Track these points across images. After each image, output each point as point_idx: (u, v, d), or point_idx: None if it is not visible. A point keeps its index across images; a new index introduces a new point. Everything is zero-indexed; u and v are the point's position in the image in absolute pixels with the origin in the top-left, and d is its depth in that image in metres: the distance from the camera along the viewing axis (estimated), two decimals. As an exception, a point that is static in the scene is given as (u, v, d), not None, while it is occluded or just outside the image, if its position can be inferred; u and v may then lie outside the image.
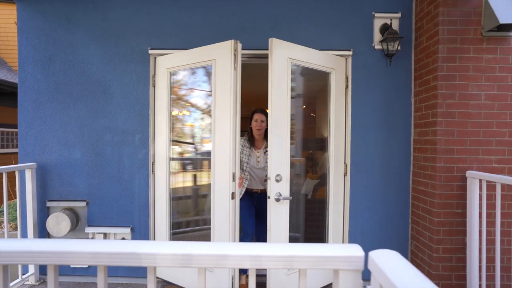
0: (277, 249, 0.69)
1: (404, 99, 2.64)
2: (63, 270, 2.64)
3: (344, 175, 2.66)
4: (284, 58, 2.27)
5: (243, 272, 2.61)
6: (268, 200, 2.21)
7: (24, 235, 2.59)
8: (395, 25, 2.61)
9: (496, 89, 2.26)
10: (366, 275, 1.00)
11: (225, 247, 0.71)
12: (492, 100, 2.26)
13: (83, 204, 2.63)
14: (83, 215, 2.65)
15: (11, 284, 2.44)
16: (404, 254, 2.64)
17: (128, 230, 2.62)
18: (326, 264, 0.66)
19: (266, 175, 2.40)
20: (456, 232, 2.28)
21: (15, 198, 3.54)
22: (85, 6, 2.66)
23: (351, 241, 2.64)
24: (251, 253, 0.68)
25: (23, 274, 2.54)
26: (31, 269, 2.60)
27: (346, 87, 2.65)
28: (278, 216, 2.24)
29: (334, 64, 2.55)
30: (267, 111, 2.28)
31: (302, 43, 2.53)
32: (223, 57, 2.27)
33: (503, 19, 2.08)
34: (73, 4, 2.66)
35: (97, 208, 2.65)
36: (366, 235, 2.65)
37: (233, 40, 2.24)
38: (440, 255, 2.29)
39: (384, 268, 0.57)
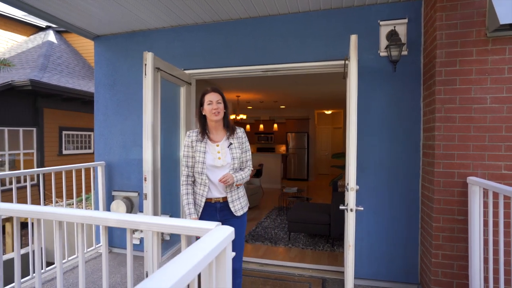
0: (153, 219, 1.08)
1: (413, 103, 2.64)
2: (123, 244, 3.42)
3: (351, 178, 2.80)
4: (355, 63, 2.02)
5: None
6: (346, 213, 1.99)
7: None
8: (402, 31, 2.64)
9: (504, 91, 2.14)
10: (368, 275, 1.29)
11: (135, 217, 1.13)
12: (500, 103, 2.15)
13: (136, 194, 3.37)
14: (135, 203, 3.39)
15: (88, 249, 3.30)
16: (414, 258, 2.64)
17: (167, 216, 3.25)
18: (188, 231, 1.03)
19: None
20: (458, 239, 2.24)
21: (88, 190, 4.55)
22: (137, 39, 3.39)
23: (357, 241, 2.76)
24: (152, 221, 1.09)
25: (96, 244, 3.40)
26: (102, 240, 3.45)
27: (352, 94, 2.78)
28: (353, 228, 1.99)
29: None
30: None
31: (311, 55, 2.79)
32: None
33: (503, 20, 1.99)
34: (130, 39, 3.42)
35: (145, 198, 3.36)
36: (372, 237, 2.74)
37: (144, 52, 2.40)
38: (439, 261, 2.27)
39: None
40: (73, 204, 3.18)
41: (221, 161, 1.95)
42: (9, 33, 9.42)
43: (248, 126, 11.47)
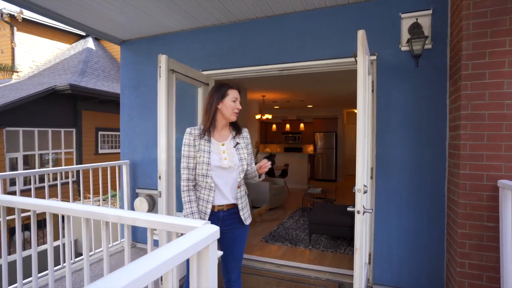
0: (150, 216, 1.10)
1: (438, 100, 2.46)
2: (146, 239, 3.56)
3: (370, 179, 2.67)
4: (366, 55, 1.95)
5: None
6: (356, 215, 1.78)
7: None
8: (426, 23, 2.46)
9: (544, 85, 1.92)
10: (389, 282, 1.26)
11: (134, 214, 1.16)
12: (539, 98, 1.93)
13: (157, 192, 3.48)
14: (157, 200, 3.51)
15: (114, 243, 3.48)
16: (440, 266, 2.46)
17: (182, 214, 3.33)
18: (174, 228, 1.03)
19: (239, 181, 1.79)
20: (487, 248, 2.04)
21: (114, 188, 4.80)
22: (159, 42, 3.51)
23: (376, 246, 2.63)
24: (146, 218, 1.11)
25: (121, 239, 3.57)
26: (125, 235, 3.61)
27: (372, 91, 2.66)
28: (364, 232, 1.94)
29: (370, 67, 2.57)
30: None
31: (328, 53, 2.71)
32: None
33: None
34: (151, 43, 3.55)
35: (166, 196, 3.47)
36: (392, 241, 2.59)
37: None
38: (466, 271, 2.09)
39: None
40: (99, 201, 3.37)
41: (228, 162, 1.73)
42: (55, 42, 10.23)
43: (274, 126, 11.43)
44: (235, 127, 1.86)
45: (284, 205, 6.54)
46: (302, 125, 11.31)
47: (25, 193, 6.02)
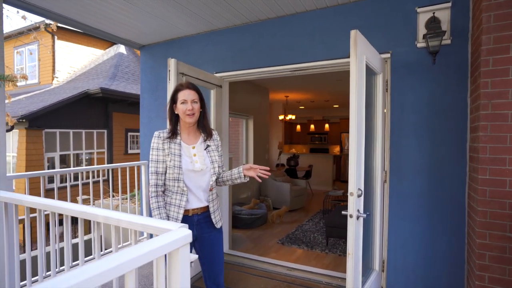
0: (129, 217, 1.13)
1: (458, 100, 2.29)
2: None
3: (384, 183, 2.55)
4: (363, 55, 1.91)
5: None
6: (349, 219, 1.77)
7: (141, 209, 3.78)
8: (445, 17, 2.30)
9: None
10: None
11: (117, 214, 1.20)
12: None
13: (173, 192, 3.58)
14: (173, 200, 3.61)
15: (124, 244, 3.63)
16: (459, 277, 2.29)
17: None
18: (151, 230, 1.05)
19: (212, 184, 1.77)
20: (511, 261, 1.86)
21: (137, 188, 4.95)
22: (175, 46, 3.61)
23: (390, 253, 2.51)
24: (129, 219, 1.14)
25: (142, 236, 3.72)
26: (145, 233, 3.76)
27: (386, 90, 2.53)
28: (357, 236, 1.89)
29: (381, 66, 2.45)
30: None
31: (340, 52, 2.63)
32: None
33: None
34: (168, 47, 3.66)
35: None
36: (407, 248, 2.45)
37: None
38: (486, 285, 1.92)
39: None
40: (126, 199, 3.53)
41: (200, 165, 1.70)
42: (91, 48, 10.91)
43: (298, 127, 11.30)
44: (204, 130, 1.81)
45: (306, 207, 6.44)
46: (327, 125, 11.07)
47: (61, 190, 6.47)
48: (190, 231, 0.98)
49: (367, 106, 1.99)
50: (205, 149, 1.77)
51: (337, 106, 10.29)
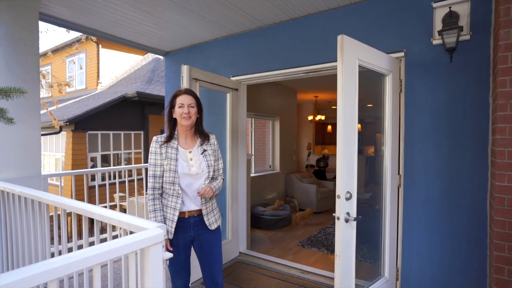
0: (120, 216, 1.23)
1: (478, 99, 2.12)
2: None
3: (398, 188, 2.44)
4: (353, 58, 1.94)
5: None
6: (336, 221, 1.81)
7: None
8: (465, 11, 2.15)
9: None
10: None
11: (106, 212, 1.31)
12: None
13: (193, 191, 3.74)
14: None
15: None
16: (481, 293, 2.12)
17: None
18: (129, 227, 1.14)
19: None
20: (533, 276, 1.70)
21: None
22: (196, 51, 3.77)
23: (404, 262, 2.40)
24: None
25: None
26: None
27: (400, 91, 2.42)
28: (347, 239, 1.87)
29: (391, 66, 2.36)
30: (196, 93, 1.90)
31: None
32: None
33: None
34: (190, 52, 3.83)
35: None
36: (422, 257, 2.32)
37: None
38: (504, 300, 1.77)
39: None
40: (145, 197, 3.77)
41: (195, 169, 1.76)
42: (131, 55, 11.69)
43: (329, 127, 11.05)
44: (201, 134, 1.87)
45: (333, 209, 6.28)
46: (359, 125, 10.67)
47: (101, 187, 7.01)
48: (162, 231, 1.05)
49: (376, 108, 1.95)
50: (201, 154, 1.82)
51: (371, 105, 9.89)
